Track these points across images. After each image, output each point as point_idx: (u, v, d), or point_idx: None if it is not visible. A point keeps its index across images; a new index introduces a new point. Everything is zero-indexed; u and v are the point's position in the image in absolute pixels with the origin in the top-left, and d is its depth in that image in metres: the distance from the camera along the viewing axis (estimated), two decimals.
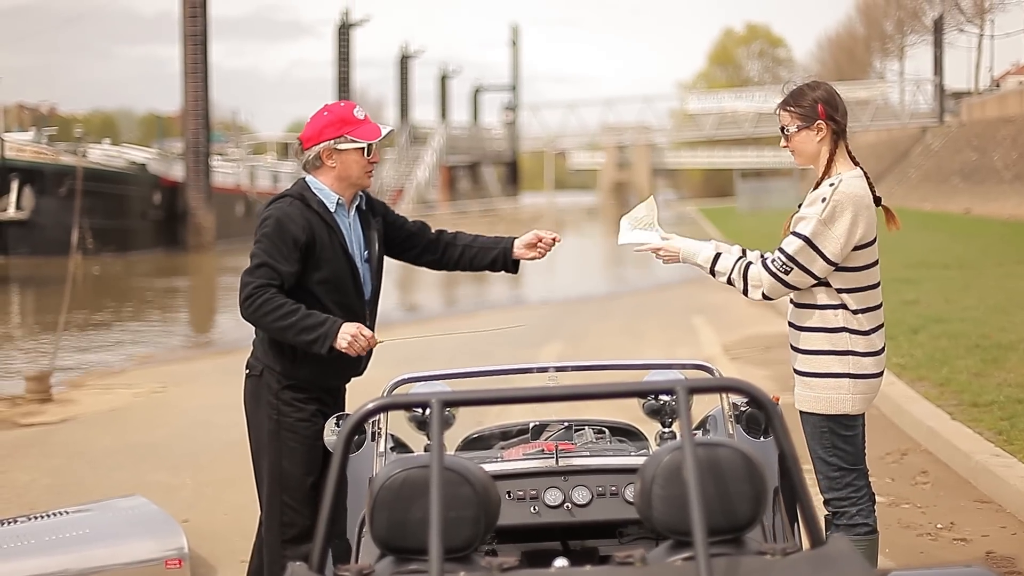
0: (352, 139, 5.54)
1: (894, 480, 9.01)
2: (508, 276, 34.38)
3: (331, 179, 5.59)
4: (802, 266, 5.36)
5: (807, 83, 5.71)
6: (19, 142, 52.24)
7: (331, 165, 5.57)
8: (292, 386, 5.56)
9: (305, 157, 5.62)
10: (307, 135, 5.59)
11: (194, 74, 58.13)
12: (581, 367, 5.70)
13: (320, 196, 5.55)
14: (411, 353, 18.28)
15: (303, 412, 5.56)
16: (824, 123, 5.53)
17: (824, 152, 5.56)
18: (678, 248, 5.67)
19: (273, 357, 5.57)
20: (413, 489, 3.14)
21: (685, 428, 2.98)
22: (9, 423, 13.08)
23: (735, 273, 5.51)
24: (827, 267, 5.38)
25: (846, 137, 5.62)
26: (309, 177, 5.62)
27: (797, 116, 5.59)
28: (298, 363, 5.53)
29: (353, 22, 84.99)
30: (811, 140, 5.56)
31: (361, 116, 5.61)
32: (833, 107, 5.56)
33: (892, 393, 11.24)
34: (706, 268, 5.61)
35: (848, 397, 5.46)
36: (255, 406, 5.62)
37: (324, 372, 5.57)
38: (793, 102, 5.62)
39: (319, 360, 5.47)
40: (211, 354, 19.68)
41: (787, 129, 5.64)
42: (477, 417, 9.00)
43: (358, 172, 5.59)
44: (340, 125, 5.54)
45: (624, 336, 19.47)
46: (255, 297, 5.33)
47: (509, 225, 73.19)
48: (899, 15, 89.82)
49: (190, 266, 46.76)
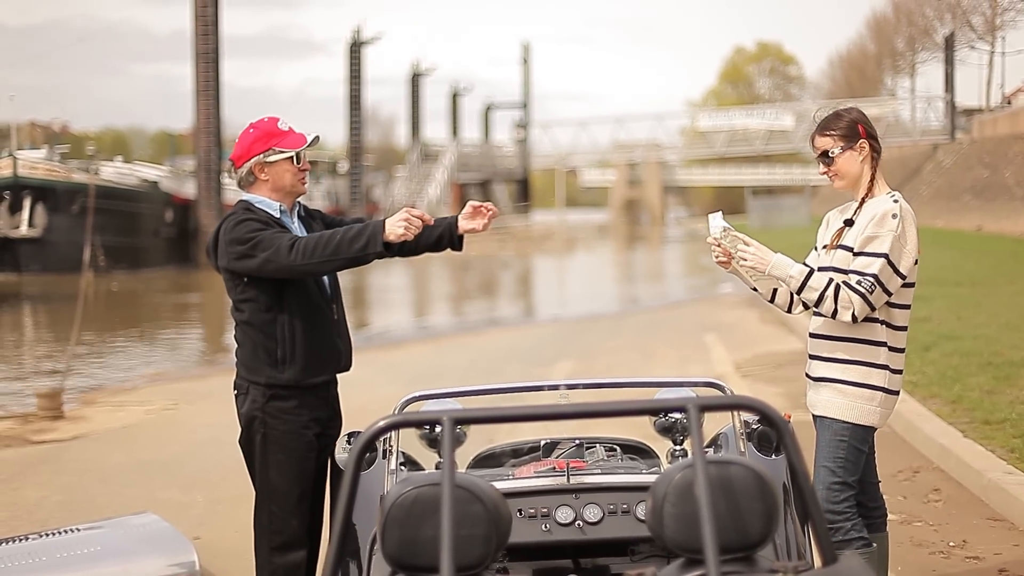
0: (280, 150, 5.65)
1: (906, 498, 8.98)
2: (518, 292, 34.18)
3: (267, 191, 5.70)
4: (882, 284, 5.43)
5: (839, 108, 5.81)
6: (32, 160, 52.45)
7: (264, 178, 5.68)
8: (276, 396, 5.61)
9: (239, 175, 5.74)
10: (237, 154, 5.73)
11: (206, 92, 58.30)
12: (592, 385, 5.70)
13: (263, 207, 5.66)
14: (422, 371, 18.32)
15: (289, 424, 5.61)
16: (866, 142, 5.61)
17: (866, 171, 5.63)
18: (770, 256, 5.63)
19: (255, 370, 5.63)
20: (424, 507, 3.13)
21: (697, 446, 2.97)
22: (21, 440, 13.09)
23: (828, 291, 5.49)
24: (899, 283, 5.48)
25: (880, 156, 5.70)
26: (246, 195, 5.74)
27: (840, 138, 5.63)
28: (279, 366, 5.58)
29: (364, 40, 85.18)
30: (855, 161, 5.62)
31: (285, 128, 5.74)
32: (870, 127, 5.68)
33: (904, 411, 11.21)
34: (796, 282, 5.56)
35: (877, 410, 5.57)
36: (245, 423, 5.70)
37: (306, 368, 5.61)
38: (832, 125, 5.67)
39: (300, 357, 5.57)
40: (223, 371, 19.67)
41: (831, 152, 5.65)
42: (488, 435, 9.00)
43: (291, 180, 5.70)
44: (267, 139, 5.66)
45: (635, 354, 19.46)
46: (296, 247, 5.39)
47: (520, 243, 73.31)
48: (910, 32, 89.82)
49: (202, 283, 46.79)
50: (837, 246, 5.60)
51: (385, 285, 43.87)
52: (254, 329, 5.60)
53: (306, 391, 5.65)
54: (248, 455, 5.72)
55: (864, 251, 5.46)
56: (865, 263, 5.44)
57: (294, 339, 5.57)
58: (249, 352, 5.65)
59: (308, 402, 5.66)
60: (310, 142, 5.72)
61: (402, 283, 46.98)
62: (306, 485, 5.64)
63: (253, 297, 5.57)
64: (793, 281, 5.56)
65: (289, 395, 5.61)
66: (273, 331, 5.57)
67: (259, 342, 5.59)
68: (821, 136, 5.70)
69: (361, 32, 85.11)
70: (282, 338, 5.57)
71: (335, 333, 5.73)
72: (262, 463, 5.65)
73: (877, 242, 5.44)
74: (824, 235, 5.80)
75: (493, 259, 60.55)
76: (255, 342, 5.61)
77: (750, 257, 5.62)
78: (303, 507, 5.64)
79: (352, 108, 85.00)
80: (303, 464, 5.63)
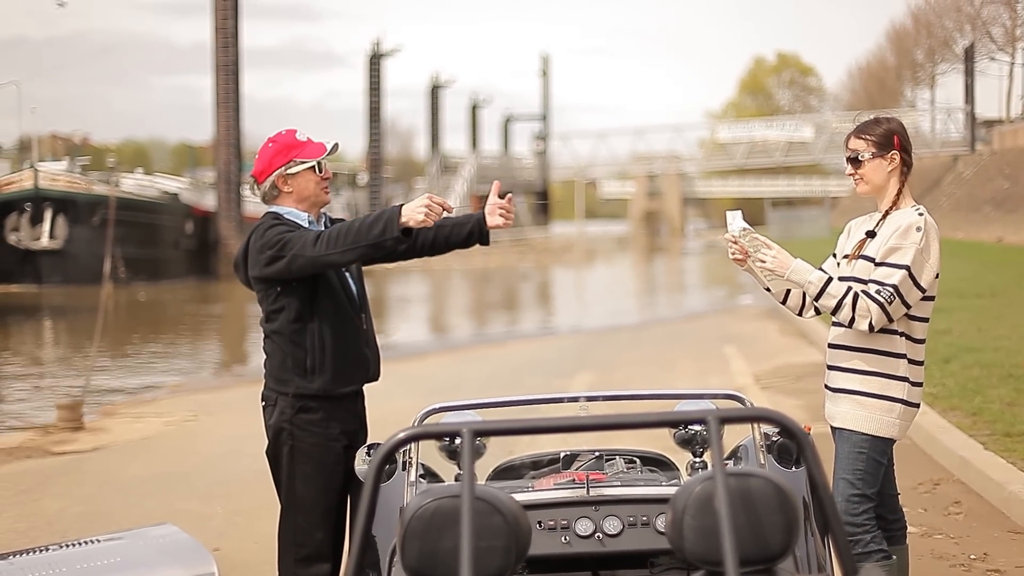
0: (301, 160, 5.67)
1: (927, 510, 8.95)
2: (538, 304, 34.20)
3: (292, 203, 5.72)
4: (902, 296, 5.43)
5: (881, 115, 5.80)
6: (53, 172, 52.69)
7: (288, 190, 5.70)
8: (305, 408, 5.62)
9: (262, 190, 5.76)
10: (258, 169, 5.74)
11: (226, 104, 58.45)
12: (612, 397, 5.70)
13: (292, 218, 5.67)
14: (442, 382, 18.33)
15: (317, 436, 5.62)
16: (898, 154, 5.61)
17: (893, 183, 5.63)
18: (790, 261, 5.61)
19: (284, 381, 5.64)
20: (444, 519, 3.13)
21: (716, 458, 2.97)
22: (41, 451, 13.13)
23: (847, 299, 5.48)
24: (919, 296, 5.48)
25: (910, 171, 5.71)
26: (272, 208, 5.74)
27: (872, 144, 5.63)
28: (308, 376, 5.59)
29: (384, 52, 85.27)
30: (882, 169, 5.62)
31: (304, 139, 5.75)
32: (906, 139, 5.67)
33: (924, 423, 11.18)
34: (815, 288, 5.54)
35: (896, 422, 5.56)
36: (273, 435, 5.70)
37: (335, 378, 5.62)
38: (868, 130, 5.67)
39: (329, 367, 5.58)
40: (242, 383, 19.71)
41: (861, 155, 5.65)
42: (508, 446, 8.99)
43: (314, 189, 5.72)
44: (287, 151, 5.68)
45: (655, 366, 19.44)
46: (321, 238, 5.41)
47: (540, 254, 73.31)
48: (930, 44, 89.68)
49: (221, 295, 46.89)
50: (859, 256, 5.59)
51: (405, 296, 43.93)
52: (284, 339, 5.61)
53: (334, 402, 5.65)
54: (275, 467, 5.72)
55: (886, 262, 5.46)
56: (886, 274, 5.44)
57: (323, 348, 5.58)
58: (278, 362, 5.66)
59: (336, 414, 5.66)
60: (330, 150, 5.74)
61: (422, 294, 47.03)
62: (332, 498, 5.64)
63: (284, 306, 5.59)
64: (811, 287, 5.54)
65: (318, 407, 5.61)
66: (303, 340, 5.58)
67: (288, 352, 5.61)
68: (856, 138, 5.70)
69: (381, 44, 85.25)
70: (311, 347, 5.58)
71: (363, 342, 5.74)
72: (289, 475, 5.65)
73: (899, 254, 5.43)
74: (845, 244, 5.80)
75: (513, 271, 60.60)
76: (284, 352, 5.62)
77: (769, 260, 5.61)
78: (329, 520, 5.64)
79: (372, 120, 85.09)
80: (330, 477, 5.63)
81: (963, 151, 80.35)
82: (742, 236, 5.68)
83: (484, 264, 64.45)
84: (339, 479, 5.64)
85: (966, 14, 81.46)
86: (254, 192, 5.85)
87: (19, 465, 12.37)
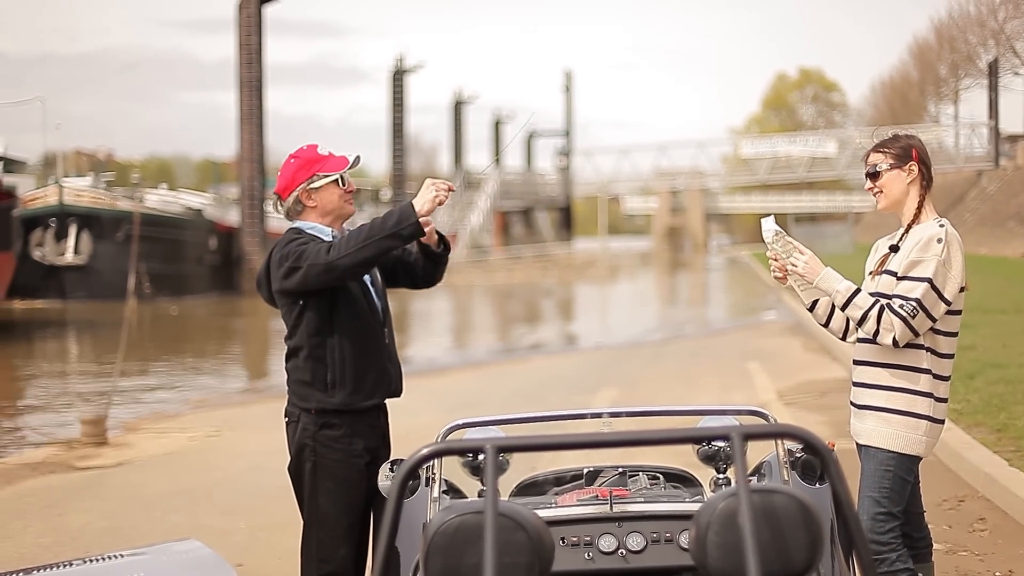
0: (324, 174, 5.68)
1: (951, 527, 8.92)
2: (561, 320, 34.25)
3: (316, 217, 5.73)
4: (926, 309, 5.40)
5: (902, 132, 5.84)
6: (77, 188, 52.97)
7: (312, 205, 5.71)
8: (327, 424, 5.63)
9: (286, 206, 5.76)
10: (282, 185, 5.74)
11: (250, 120, 58.65)
12: (635, 413, 5.68)
13: (315, 233, 5.67)
14: (465, 398, 18.32)
15: (340, 453, 5.63)
16: (916, 165, 5.60)
17: (913, 196, 5.62)
18: (820, 268, 5.61)
19: (306, 396, 5.65)
20: (467, 535, 3.13)
21: (740, 474, 2.96)
22: (65, 466, 13.17)
23: (872, 312, 5.46)
24: (945, 309, 5.45)
25: (931, 187, 5.69)
26: (295, 224, 5.75)
27: (890, 156, 5.64)
28: (329, 390, 5.60)
29: (407, 68, 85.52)
30: (901, 181, 5.61)
31: (325, 153, 5.76)
32: (925, 154, 5.67)
33: (949, 439, 11.13)
34: (842, 297, 5.53)
35: (923, 439, 5.53)
36: (296, 451, 5.70)
37: (356, 392, 5.63)
38: (886, 144, 5.69)
39: (350, 380, 5.60)
40: (265, 398, 19.74)
41: (878, 167, 5.66)
42: (530, 462, 8.99)
43: (338, 203, 5.74)
44: (309, 165, 5.69)
45: (678, 382, 19.42)
46: (334, 244, 5.45)
47: (563, 271, 73.28)
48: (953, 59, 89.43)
49: (245, 310, 46.99)
50: (882, 272, 5.58)
51: (427, 312, 43.94)
52: (305, 353, 5.63)
53: (356, 417, 5.65)
54: (297, 483, 5.72)
55: (908, 275, 5.44)
56: (908, 287, 5.42)
57: (344, 362, 5.59)
58: (300, 377, 5.67)
59: (359, 430, 5.67)
60: (352, 163, 5.75)
61: (444, 310, 47.04)
62: (355, 514, 5.64)
63: (306, 321, 5.60)
64: (839, 296, 5.53)
65: (340, 423, 5.62)
66: (323, 354, 5.59)
67: (310, 367, 5.62)
68: (874, 152, 5.72)
69: (403, 61, 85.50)
70: (332, 361, 5.59)
71: (386, 357, 5.75)
72: (311, 491, 5.65)
73: (921, 267, 5.41)
74: (871, 262, 5.79)
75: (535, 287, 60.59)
76: (306, 367, 5.63)
77: (801, 265, 5.61)
78: (352, 536, 5.64)
79: (395, 136, 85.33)
80: (353, 493, 5.63)
81: (987, 166, 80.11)
82: (775, 240, 5.68)
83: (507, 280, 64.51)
84: (362, 495, 5.64)
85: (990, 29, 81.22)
86: (278, 209, 5.85)
87: (43, 480, 12.41)
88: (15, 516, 10.63)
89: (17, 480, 12.45)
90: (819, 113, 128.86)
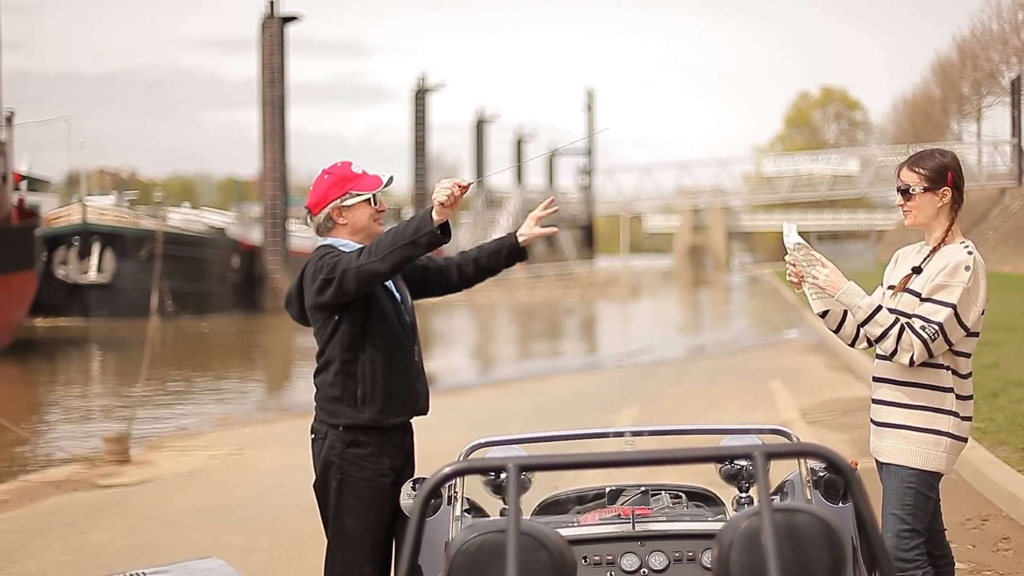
0: (357, 193, 5.70)
1: (975, 546, 8.87)
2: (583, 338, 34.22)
3: (346, 234, 5.75)
4: (945, 334, 5.37)
5: (937, 149, 5.75)
6: (101, 206, 53.24)
7: (342, 222, 5.73)
8: (355, 443, 5.63)
9: (316, 221, 5.78)
10: (314, 201, 5.75)
11: (272, 139, 58.88)
12: (657, 431, 5.67)
13: (345, 249, 5.67)
14: (486, 416, 18.32)
15: (367, 471, 5.62)
16: (950, 190, 5.57)
17: (943, 219, 5.59)
18: (843, 282, 5.56)
19: (335, 412, 5.66)
20: (489, 554, 3.13)
21: (763, 493, 2.95)
22: (88, 484, 13.19)
23: (892, 330, 5.42)
24: (963, 335, 5.42)
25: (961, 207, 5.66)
26: (326, 240, 5.78)
27: (925, 178, 5.57)
28: (359, 406, 5.61)
29: (429, 87, 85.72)
30: (933, 204, 5.57)
31: (359, 171, 5.77)
32: (960, 177, 5.63)
33: (972, 458, 11.09)
34: (863, 313, 5.49)
35: (943, 456, 5.49)
36: (322, 468, 5.70)
37: (385, 408, 5.64)
38: (922, 163, 5.61)
39: (380, 397, 5.60)
40: (288, 416, 19.76)
41: (912, 189, 5.60)
42: (552, 481, 8.97)
43: (369, 222, 5.76)
44: (343, 183, 5.71)
45: (700, 400, 19.38)
46: (363, 250, 5.49)
47: (584, 289, 73.25)
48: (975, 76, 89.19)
49: (267, 328, 47.07)
50: (904, 290, 5.55)
51: (450, 329, 43.96)
52: (336, 367, 5.64)
53: (384, 435, 5.65)
54: (322, 500, 5.71)
55: (932, 298, 5.40)
56: (932, 310, 5.39)
57: (375, 378, 5.60)
58: (330, 393, 5.67)
59: (386, 449, 5.66)
60: (385, 183, 5.77)
61: (467, 328, 47.05)
62: (380, 533, 5.63)
63: (339, 337, 5.62)
64: (860, 312, 5.49)
65: (368, 440, 5.62)
66: (355, 370, 5.60)
67: (340, 382, 5.63)
68: (908, 170, 5.64)
69: (425, 80, 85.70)
70: (363, 377, 5.60)
71: (414, 375, 5.76)
72: (337, 509, 5.65)
73: (947, 292, 5.38)
74: (892, 274, 5.74)
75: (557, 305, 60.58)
76: (336, 382, 5.64)
77: (822, 278, 5.57)
78: (376, 555, 5.62)
79: (417, 154, 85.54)
80: (378, 511, 5.62)
81: (1010, 184, 79.83)
82: (796, 250, 5.66)
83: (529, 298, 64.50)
84: (387, 515, 5.63)
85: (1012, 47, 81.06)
86: (308, 223, 5.87)
87: (66, 498, 12.43)
88: (38, 534, 10.65)
89: (40, 498, 12.48)
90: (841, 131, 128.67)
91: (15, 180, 42.16)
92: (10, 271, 37.66)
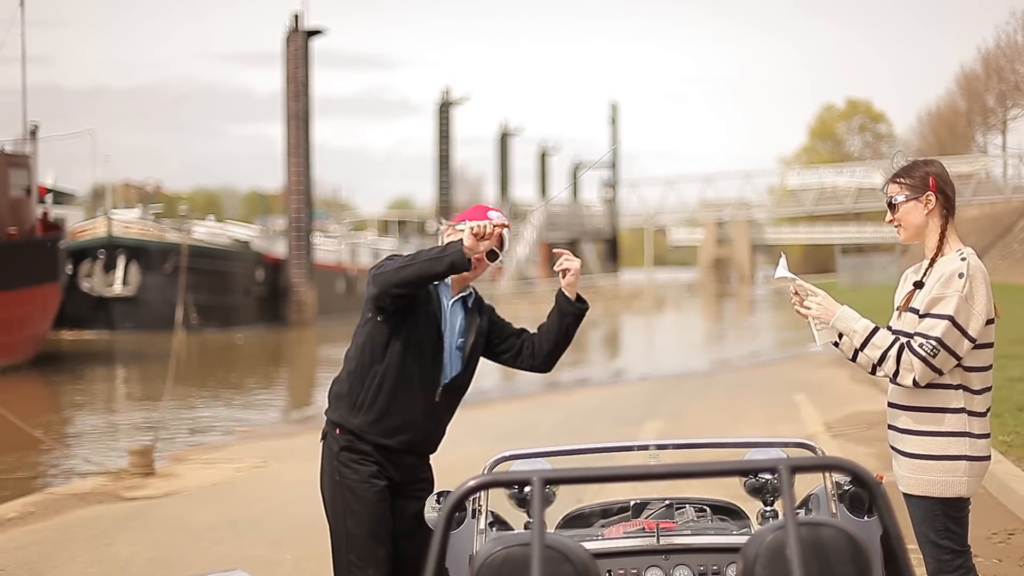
0: (461, 225, 5.74)
1: (1001, 561, 8.83)
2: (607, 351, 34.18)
3: None
4: (948, 348, 5.22)
5: (920, 159, 5.63)
6: (126, 219, 53.41)
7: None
8: (349, 446, 5.74)
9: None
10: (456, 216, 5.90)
11: (297, 152, 58.98)
12: (681, 445, 5.66)
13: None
14: (511, 429, 18.31)
15: (360, 474, 5.72)
16: (934, 196, 5.42)
17: (933, 227, 5.44)
18: (835, 308, 5.53)
19: (334, 408, 5.82)
20: (514, 567, 3.13)
21: (788, 507, 2.95)
22: (113, 497, 13.23)
23: (892, 351, 5.33)
24: (970, 346, 5.26)
25: (954, 215, 5.52)
26: None
27: (907, 187, 5.47)
28: (352, 410, 5.74)
29: (453, 101, 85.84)
30: (918, 212, 5.44)
31: (492, 215, 5.83)
32: (944, 182, 5.46)
33: (998, 472, 11.03)
34: (860, 337, 5.43)
35: (964, 480, 5.33)
36: (324, 468, 5.85)
37: (375, 424, 5.71)
38: (904, 174, 5.51)
39: (375, 411, 5.70)
40: (312, 429, 19.76)
41: (895, 199, 5.51)
42: (577, 494, 8.96)
43: None
44: (465, 214, 5.84)
45: (724, 414, 19.34)
46: (387, 264, 5.64)
47: (608, 302, 73.18)
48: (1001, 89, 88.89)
49: (291, 341, 47.13)
50: (907, 309, 5.44)
51: None
52: (351, 368, 5.79)
53: (375, 447, 5.72)
54: (325, 502, 5.85)
55: (929, 313, 5.28)
56: (929, 325, 5.26)
57: (378, 392, 5.70)
58: (338, 389, 5.84)
59: (379, 460, 5.75)
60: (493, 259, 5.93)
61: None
62: (380, 535, 5.69)
63: (367, 340, 5.75)
64: (856, 336, 5.42)
65: (362, 447, 5.74)
66: (365, 376, 5.72)
67: (349, 381, 5.78)
68: (891, 183, 5.57)
69: (450, 93, 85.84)
70: (369, 386, 5.71)
71: (425, 412, 5.78)
72: (339, 510, 5.75)
73: (942, 304, 5.25)
74: (899, 294, 5.66)
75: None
76: (346, 380, 5.80)
77: (815, 307, 5.53)
78: (379, 555, 5.68)
79: (441, 168, 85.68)
80: (377, 513, 5.69)
81: None
82: (787, 283, 5.66)
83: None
84: (387, 516, 5.72)
85: None
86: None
87: (91, 510, 12.47)
88: (63, 546, 10.69)
89: (65, 510, 12.52)
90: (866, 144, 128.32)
91: (40, 193, 42.37)
92: (34, 284, 37.82)
